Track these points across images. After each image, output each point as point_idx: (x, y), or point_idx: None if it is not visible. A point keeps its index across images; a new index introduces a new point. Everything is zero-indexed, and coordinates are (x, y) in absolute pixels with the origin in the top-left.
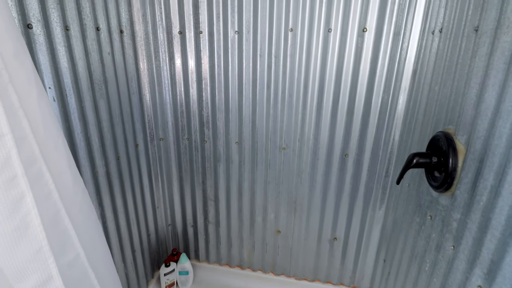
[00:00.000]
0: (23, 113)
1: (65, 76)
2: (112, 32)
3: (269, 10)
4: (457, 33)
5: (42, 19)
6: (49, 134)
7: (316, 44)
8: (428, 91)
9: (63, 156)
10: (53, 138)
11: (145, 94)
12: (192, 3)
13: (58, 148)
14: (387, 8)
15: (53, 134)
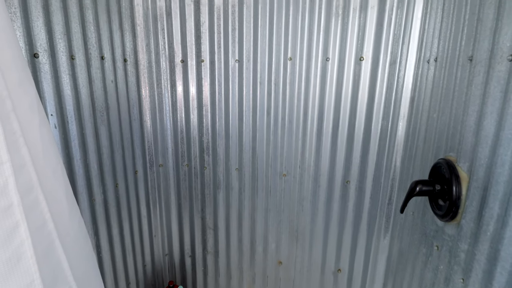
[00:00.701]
0: (24, 140)
1: (67, 103)
2: (116, 61)
3: (268, 40)
4: (452, 62)
5: (48, 49)
6: (48, 162)
7: (315, 72)
8: (427, 118)
9: (60, 184)
10: (52, 166)
11: (146, 120)
12: (194, 33)
13: (56, 176)
14: (382, 38)
15: (52, 162)
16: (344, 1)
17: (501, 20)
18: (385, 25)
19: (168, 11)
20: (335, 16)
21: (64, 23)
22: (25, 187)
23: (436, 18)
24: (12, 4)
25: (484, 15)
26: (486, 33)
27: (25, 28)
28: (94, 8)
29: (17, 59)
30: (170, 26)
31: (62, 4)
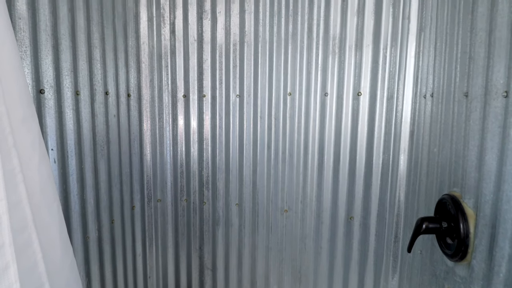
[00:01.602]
0: (22, 177)
1: (69, 138)
2: (120, 96)
3: (268, 76)
4: (448, 98)
5: (54, 85)
6: (44, 199)
7: (314, 107)
8: (427, 153)
9: (55, 223)
10: (48, 204)
11: (146, 154)
12: (197, 70)
13: (51, 214)
14: (378, 74)
15: (49, 198)
16: (340, 40)
17: (492, 59)
18: (380, 62)
19: (173, 50)
20: (332, 54)
21: (72, 61)
22: (19, 225)
23: (429, 56)
24: (23, 43)
25: (476, 54)
26: (479, 71)
27: (33, 65)
28: (101, 47)
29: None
30: (173, 63)
31: (71, 43)
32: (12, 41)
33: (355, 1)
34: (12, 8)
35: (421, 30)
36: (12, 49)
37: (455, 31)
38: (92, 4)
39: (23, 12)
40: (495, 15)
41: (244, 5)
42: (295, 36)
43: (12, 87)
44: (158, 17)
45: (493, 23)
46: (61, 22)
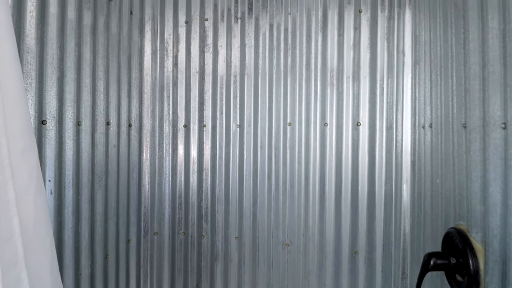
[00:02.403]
0: (16, 210)
1: (67, 169)
2: (121, 126)
3: (268, 106)
4: (446, 128)
5: (57, 116)
6: (37, 234)
7: (314, 137)
8: (430, 183)
9: (47, 259)
10: (40, 239)
11: (144, 184)
12: (198, 100)
13: (44, 250)
14: (376, 105)
15: (42, 233)
16: (338, 72)
17: (488, 91)
18: (378, 93)
19: (175, 81)
20: (330, 85)
21: (75, 92)
22: (9, 261)
23: (425, 88)
24: (29, 75)
25: (471, 86)
26: (475, 102)
27: (38, 97)
28: (105, 79)
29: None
30: (175, 94)
31: (76, 76)
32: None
33: (351, 36)
34: (21, 43)
35: (415, 63)
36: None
37: (449, 64)
38: (98, 39)
39: (31, 46)
40: (486, 50)
41: (244, 39)
42: (294, 68)
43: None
44: (162, 50)
45: (485, 57)
46: (67, 56)
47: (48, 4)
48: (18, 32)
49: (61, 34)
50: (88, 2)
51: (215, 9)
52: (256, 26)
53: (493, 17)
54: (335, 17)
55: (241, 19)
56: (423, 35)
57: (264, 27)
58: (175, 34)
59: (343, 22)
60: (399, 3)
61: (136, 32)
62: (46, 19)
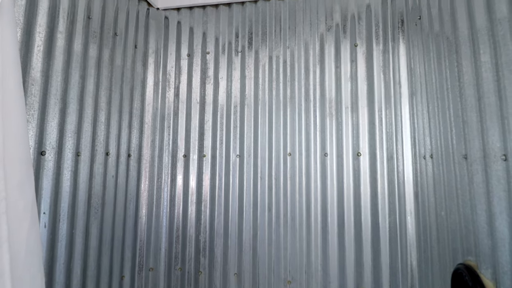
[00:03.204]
0: (8, 247)
1: (63, 201)
2: (120, 156)
3: (268, 136)
4: (447, 159)
5: (56, 147)
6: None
7: (315, 167)
8: (435, 216)
9: None
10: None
11: (141, 216)
12: (198, 130)
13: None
14: (376, 135)
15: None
16: (336, 103)
17: (485, 123)
18: (377, 124)
19: (176, 111)
20: (329, 116)
21: (77, 123)
22: None
23: (423, 119)
24: (32, 107)
25: (469, 118)
26: (474, 134)
27: (39, 128)
28: (107, 110)
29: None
30: (176, 124)
31: (79, 107)
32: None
33: (348, 68)
34: (27, 75)
35: (412, 94)
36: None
37: (445, 96)
38: (102, 71)
39: (37, 79)
40: (481, 83)
41: (244, 71)
42: (293, 99)
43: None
44: (164, 81)
45: (480, 90)
46: (71, 88)
47: (56, 38)
48: (25, 65)
49: (66, 67)
50: (94, 36)
51: (217, 43)
52: (256, 59)
53: (484, 51)
54: (332, 51)
55: (241, 52)
56: (418, 67)
57: (263, 60)
58: (177, 67)
59: (339, 55)
60: (393, 37)
61: (140, 64)
62: (53, 53)
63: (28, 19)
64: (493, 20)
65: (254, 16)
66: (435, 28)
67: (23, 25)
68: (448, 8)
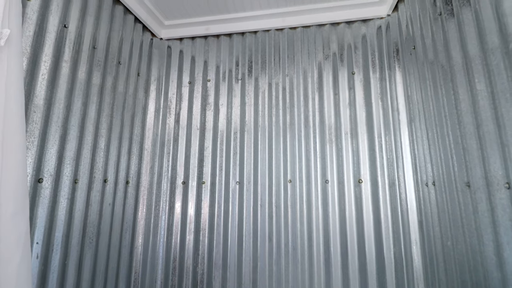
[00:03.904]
0: None
1: (57, 230)
2: (118, 183)
3: (268, 163)
4: (450, 187)
5: (54, 174)
6: None
7: (316, 194)
8: (441, 246)
9: None
10: None
11: (137, 246)
12: (198, 156)
13: None
14: (376, 162)
15: None
16: (336, 129)
17: (486, 150)
18: (377, 150)
19: (176, 137)
20: (329, 142)
21: (76, 150)
22: None
23: (423, 145)
24: (32, 134)
25: (468, 145)
26: (475, 161)
27: (38, 155)
28: (107, 136)
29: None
30: (175, 150)
31: (79, 134)
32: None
33: (346, 95)
34: (30, 103)
35: (411, 121)
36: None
37: (443, 123)
38: (105, 99)
39: (39, 106)
40: (478, 110)
41: (244, 98)
42: (292, 125)
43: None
44: (165, 108)
45: (478, 118)
46: (73, 115)
47: (60, 67)
48: (28, 93)
49: (69, 95)
50: (99, 65)
51: (217, 71)
52: (255, 86)
53: (479, 80)
54: (330, 78)
55: (241, 79)
56: (415, 95)
57: (263, 87)
58: (179, 93)
59: (337, 82)
60: (389, 65)
61: (142, 91)
62: (57, 81)
63: (35, 49)
64: (486, 50)
65: (254, 45)
66: (429, 57)
67: (29, 55)
68: (441, 38)
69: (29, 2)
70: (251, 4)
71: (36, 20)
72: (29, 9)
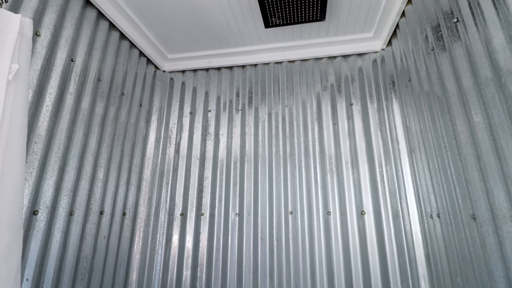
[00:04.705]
0: None
1: (49, 265)
2: (115, 215)
3: (268, 193)
4: (455, 219)
5: (50, 206)
6: None
7: (318, 226)
8: (451, 282)
9: None
10: None
11: (131, 283)
12: (197, 187)
13: None
14: (379, 192)
15: None
16: (336, 159)
17: (488, 182)
18: (378, 180)
19: (175, 167)
20: (330, 173)
21: (74, 181)
22: None
23: (425, 176)
24: (32, 165)
25: (471, 177)
26: (478, 193)
27: (35, 186)
28: (107, 166)
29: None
30: (174, 181)
31: (78, 164)
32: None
33: (345, 125)
34: (32, 133)
35: (411, 151)
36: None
37: (444, 154)
38: (106, 129)
39: (41, 137)
40: (477, 142)
41: (245, 128)
42: (293, 155)
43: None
44: (166, 138)
45: (478, 149)
46: (73, 145)
47: (65, 99)
48: (31, 124)
49: (71, 125)
50: (102, 96)
51: (218, 102)
52: (255, 116)
53: (476, 112)
54: (329, 109)
55: (241, 110)
56: (414, 125)
57: (263, 117)
58: (180, 124)
59: (336, 113)
60: (386, 97)
61: (143, 121)
62: (60, 112)
63: (41, 82)
64: (480, 83)
65: (254, 77)
66: (425, 89)
67: (35, 87)
68: (435, 71)
69: (39, 37)
70: (251, 39)
71: (44, 54)
72: (38, 44)
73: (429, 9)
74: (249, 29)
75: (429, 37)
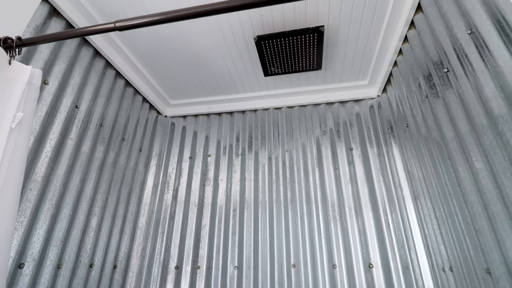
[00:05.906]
0: None
1: None
2: (105, 268)
3: (269, 244)
4: (469, 274)
5: (38, 258)
6: None
7: (323, 281)
8: None
9: None
10: None
11: None
12: (194, 237)
13: None
14: (386, 244)
15: None
16: (339, 206)
17: (499, 232)
18: (384, 229)
19: (172, 215)
20: (333, 221)
21: (65, 230)
22: None
23: (432, 225)
24: (24, 213)
25: (479, 226)
26: (490, 244)
27: (24, 236)
28: (101, 214)
29: None
30: (170, 229)
31: (72, 212)
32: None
33: (346, 170)
34: (28, 180)
35: (415, 198)
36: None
37: (449, 202)
38: (104, 175)
39: (37, 184)
40: (482, 189)
41: (245, 173)
42: (294, 202)
43: None
44: (164, 183)
45: (484, 197)
46: (69, 192)
47: (65, 144)
48: (28, 170)
49: (69, 172)
50: (103, 141)
51: (218, 146)
52: (255, 160)
53: (477, 159)
54: (329, 154)
55: (241, 155)
56: (415, 171)
57: (263, 161)
58: (179, 168)
59: (336, 157)
60: (385, 141)
61: (142, 166)
62: (59, 158)
63: (44, 128)
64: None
65: (254, 122)
66: (423, 134)
67: (37, 134)
68: (431, 118)
69: (46, 86)
70: (251, 86)
71: (50, 101)
72: (45, 92)
73: (419, 59)
74: (249, 77)
75: (422, 85)
